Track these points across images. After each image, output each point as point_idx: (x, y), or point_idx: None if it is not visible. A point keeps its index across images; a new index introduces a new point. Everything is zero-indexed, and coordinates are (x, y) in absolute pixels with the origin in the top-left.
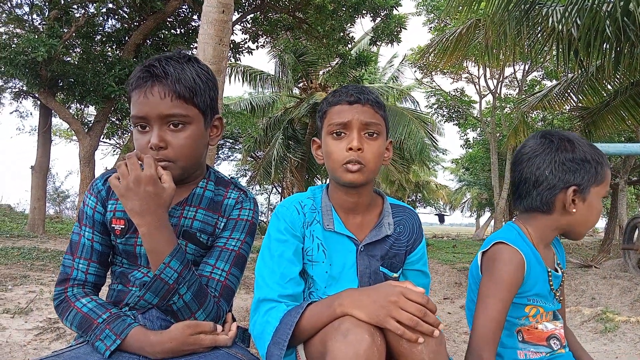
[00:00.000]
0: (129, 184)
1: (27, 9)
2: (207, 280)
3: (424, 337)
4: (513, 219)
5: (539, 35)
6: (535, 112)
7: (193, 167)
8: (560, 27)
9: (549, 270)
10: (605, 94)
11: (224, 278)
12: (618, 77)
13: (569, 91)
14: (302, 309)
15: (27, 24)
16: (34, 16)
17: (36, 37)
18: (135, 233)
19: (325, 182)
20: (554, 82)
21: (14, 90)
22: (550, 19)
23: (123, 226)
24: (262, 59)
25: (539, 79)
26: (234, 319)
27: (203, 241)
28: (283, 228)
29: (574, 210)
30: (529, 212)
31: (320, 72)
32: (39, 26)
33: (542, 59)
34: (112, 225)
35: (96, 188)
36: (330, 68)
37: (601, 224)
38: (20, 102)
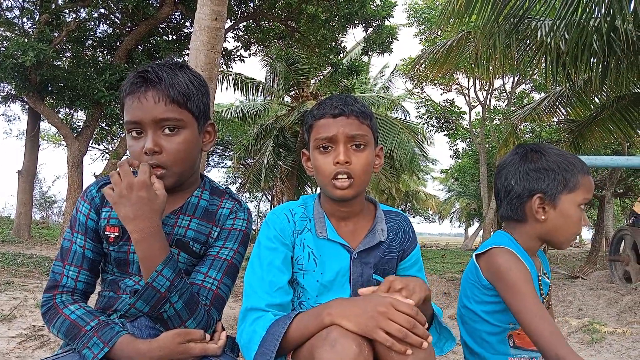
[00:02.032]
0: (122, 191)
1: (17, 12)
2: (199, 288)
3: (412, 349)
4: (502, 228)
5: (528, 48)
6: (524, 124)
7: (187, 172)
8: (548, 40)
9: (539, 275)
10: (592, 107)
11: (216, 287)
12: (605, 90)
13: (557, 104)
14: (290, 319)
15: (17, 28)
16: (25, 20)
17: (25, 40)
18: (128, 240)
19: (316, 191)
20: (543, 94)
21: (1, 93)
22: (539, 33)
23: (117, 234)
24: (253, 66)
25: (527, 91)
26: (223, 328)
27: (196, 250)
28: (272, 236)
29: (543, 217)
30: (509, 221)
31: (312, 81)
32: (29, 30)
33: (531, 72)
34: (106, 233)
35: (90, 195)
36: (321, 77)
37: (588, 235)
38: (8, 106)
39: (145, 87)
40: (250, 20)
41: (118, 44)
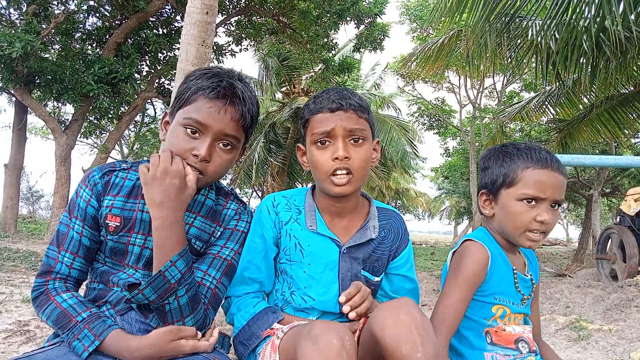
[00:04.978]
0: (156, 174)
1: (4, 3)
2: (198, 285)
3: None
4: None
5: (519, 47)
6: (513, 123)
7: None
8: (539, 40)
9: (515, 269)
10: (581, 107)
11: (214, 286)
12: (594, 90)
13: (546, 103)
14: (271, 323)
15: (3, 19)
16: (11, 10)
17: (12, 32)
18: (129, 231)
19: (307, 187)
20: (532, 94)
21: None
22: (530, 32)
23: (118, 224)
24: (245, 62)
25: (517, 90)
26: (214, 325)
27: (197, 248)
28: (254, 233)
29: (488, 212)
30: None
31: (304, 77)
32: (17, 21)
33: (521, 71)
34: (107, 222)
35: (93, 181)
36: (313, 73)
37: (575, 234)
38: None
39: (230, 101)
40: (242, 15)
41: (107, 37)
